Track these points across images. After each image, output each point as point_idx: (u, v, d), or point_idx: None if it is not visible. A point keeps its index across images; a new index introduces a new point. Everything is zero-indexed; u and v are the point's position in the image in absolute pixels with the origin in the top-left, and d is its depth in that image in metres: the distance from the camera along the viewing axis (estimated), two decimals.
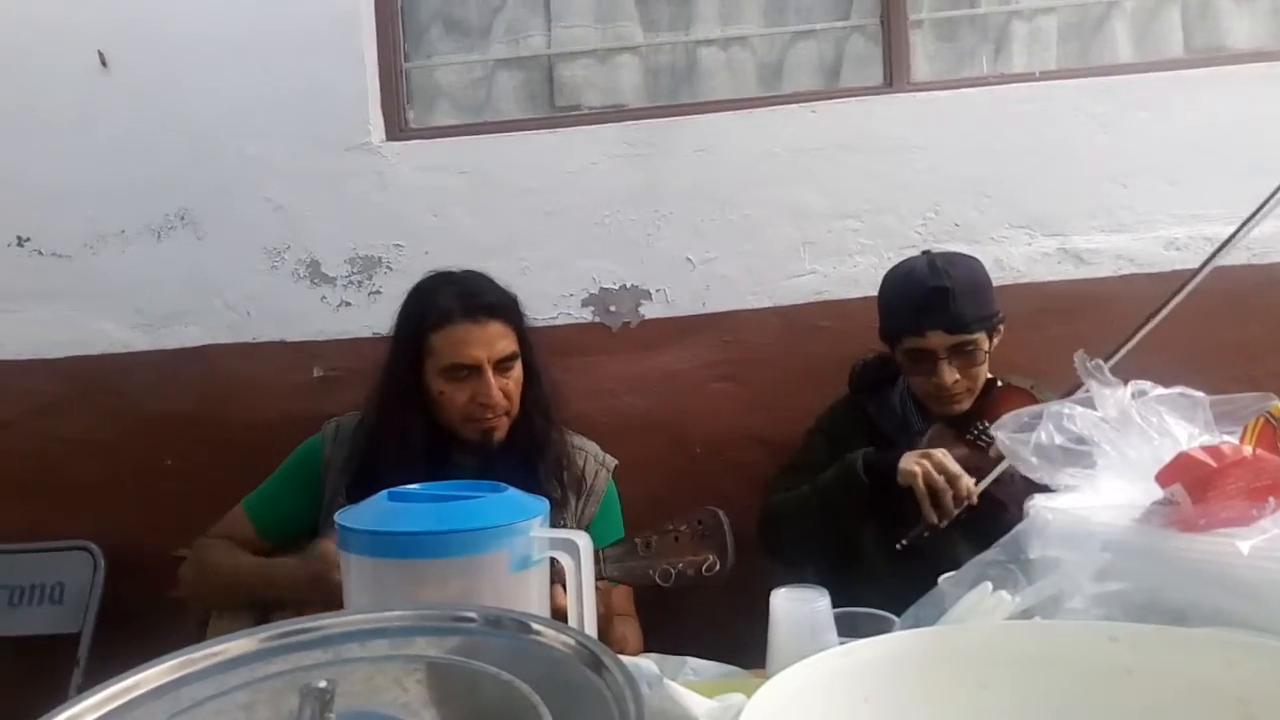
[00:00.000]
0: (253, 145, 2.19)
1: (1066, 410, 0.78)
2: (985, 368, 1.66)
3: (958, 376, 1.62)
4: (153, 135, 2.20)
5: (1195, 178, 2.06)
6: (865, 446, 1.74)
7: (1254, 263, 2.05)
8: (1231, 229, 2.04)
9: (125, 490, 2.21)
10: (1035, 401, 1.49)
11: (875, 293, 2.09)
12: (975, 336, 1.61)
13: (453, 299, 1.53)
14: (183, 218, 2.23)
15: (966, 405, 1.67)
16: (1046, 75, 2.15)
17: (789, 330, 2.14)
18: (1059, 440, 0.77)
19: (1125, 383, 0.80)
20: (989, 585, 0.72)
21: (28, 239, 2.26)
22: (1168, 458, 0.72)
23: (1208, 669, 0.59)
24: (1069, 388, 1.00)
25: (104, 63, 2.21)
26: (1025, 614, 0.70)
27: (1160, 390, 0.79)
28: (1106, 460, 0.76)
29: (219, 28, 2.18)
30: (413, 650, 0.53)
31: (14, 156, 2.24)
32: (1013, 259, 2.10)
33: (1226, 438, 0.78)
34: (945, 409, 1.67)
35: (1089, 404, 0.78)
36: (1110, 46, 2.18)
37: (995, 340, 1.68)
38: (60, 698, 0.47)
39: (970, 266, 1.67)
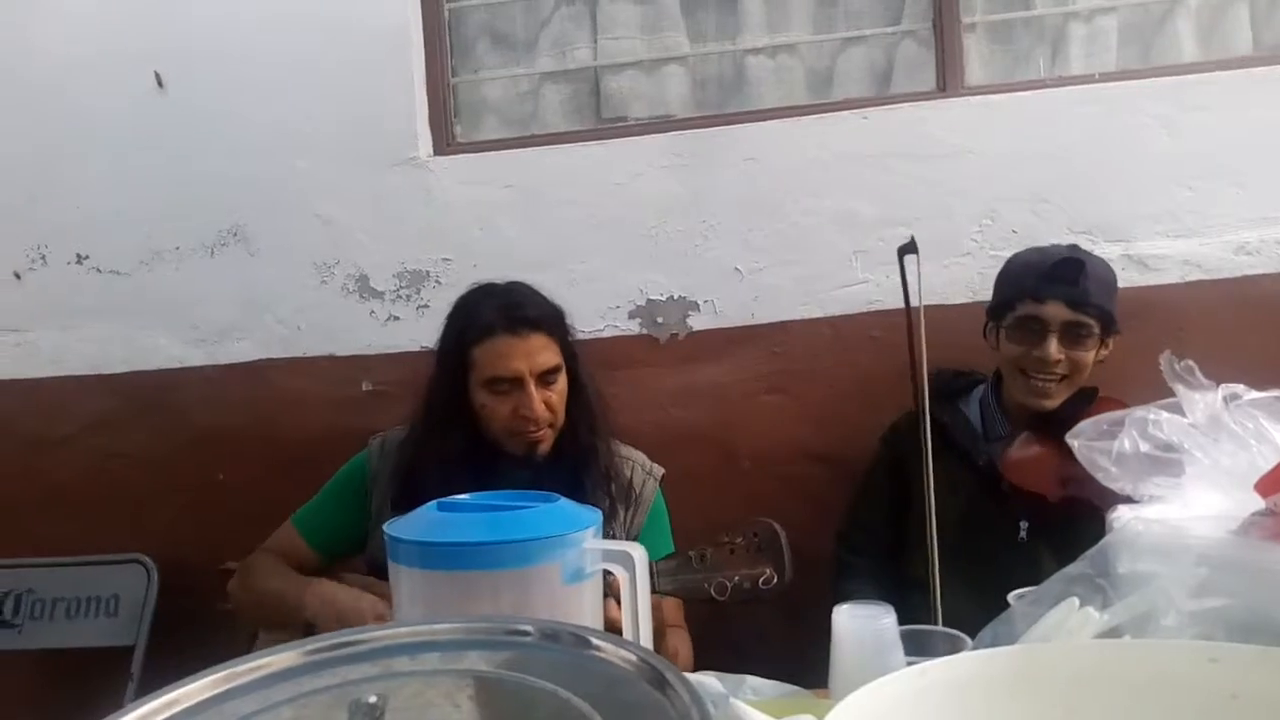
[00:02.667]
0: (303, 162, 2.22)
1: (1152, 416, 0.73)
2: (1089, 363, 1.63)
3: (1062, 356, 1.59)
4: (206, 154, 2.24)
5: (1265, 179, 1.98)
6: (936, 458, 1.68)
7: None
8: None
9: (178, 504, 2.24)
10: None
11: (930, 301, 2.02)
12: (1091, 322, 1.60)
13: (494, 312, 1.52)
14: (235, 234, 2.26)
15: (1057, 400, 1.62)
16: (1106, 77, 2.08)
17: (840, 341, 2.09)
18: (1144, 448, 0.72)
19: (1216, 386, 0.76)
20: (1075, 601, 0.67)
21: (86, 257, 2.31)
22: (1267, 466, 0.67)
23: None
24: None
25: (160, 83, 2.25)
26: (1114, 632, 0.65)
27: (1255, 394, 0.74)
28: (1197, 468, 0.71)
29: (270, 47, 2.21)
30: (465, 665, 0.51)
31: (72, 176, 2.29)
32: None
33: None
34: (1036, 396, 1.62)
35: (1176, 409, 0.74)
36: (1174, 46, 2.10)
37: (1105, 349, 1.66)
38: (115, 711, 0.46)
39: (1105, 263, 1.70)
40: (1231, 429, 0.71)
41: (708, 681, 0.71)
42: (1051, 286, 1.59)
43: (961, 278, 2.03)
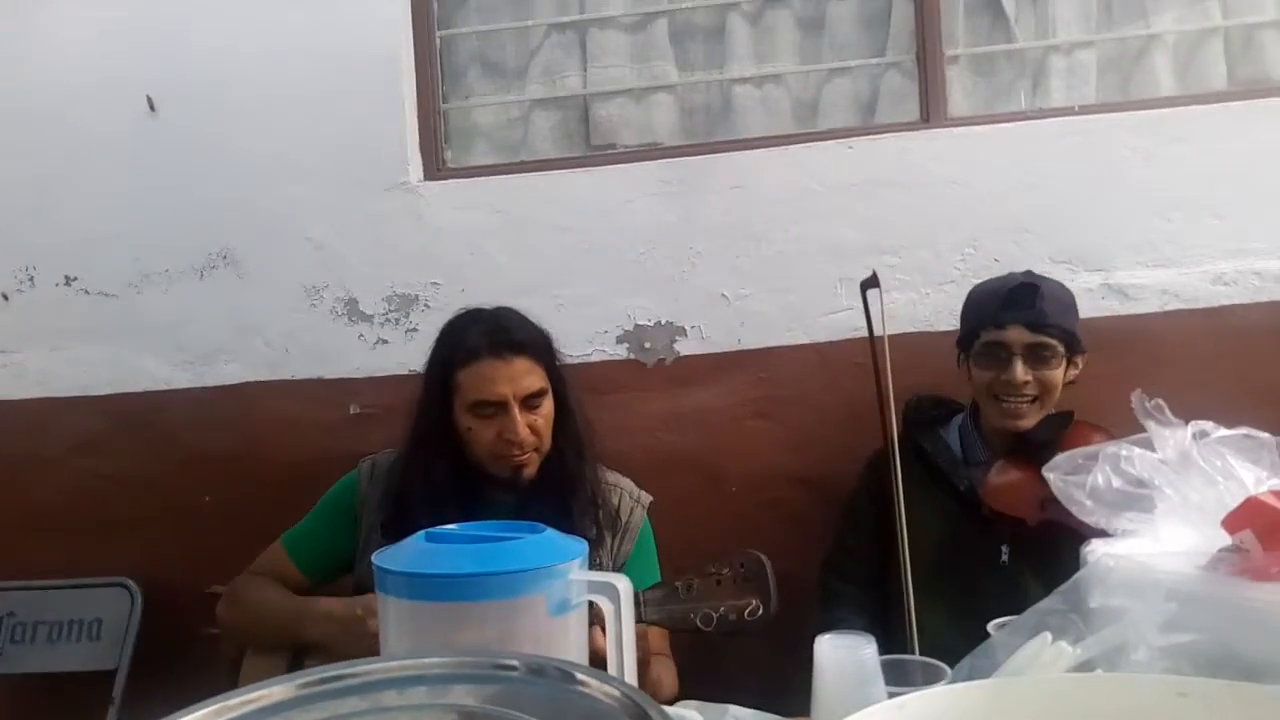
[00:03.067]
0: (294, 186, 2.23)
1: (1124, 451, 0.75)
2: (1058, 382, 1.66)
3: (1029, 378, 1.62)
4: (197, 177, 2.25)
5: (1242, 211, 2.02)
6: (918, 485, 1.71)
7: None
8: (1279, 262, 2.01)
9: (164, 526, 2.23)
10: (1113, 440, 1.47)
11: (913, 329, 2.09)
12: (1053, 342, 1.63)
13: (479, 336, 1.53)
14: (225, 257, 2.26)
15: (1031, 420, 1.65)
16: (1086, 109, 2.12)
17: (826, 367, 2.11)
18: (1117, 483, 0.74)
19: (1186, 423, 0.78)
20: (1048, 635, 0.69)
21: (75, 278, 2.31)
22: (1234, 502, 0.69)
23: None
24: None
25: (152, 107, 2.27)
26: (1086, 665, 0.67)
27: (1223, 431, 0.76)
28: (1167, 504, 0.73)
29: (261, 73, 2.23)
30: (451, 699, 0.52)
31: (62, 198, 2.30)
32: None
33: None
34: (1009, 418, 1.65)
35: (1148, 445, 0.76)
36: (1151, 80, 2.15)
37: (1072, 370, 1.69)
38: None
39: (1062, 285, 1.73)
40: (1200, 466, 0.73)
41: (689, 715, 0.72)
42: (1010, 312, 1.63)
43: (945, 305, 2.06)
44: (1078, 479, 0.77)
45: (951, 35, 2.18)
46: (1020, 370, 1.61)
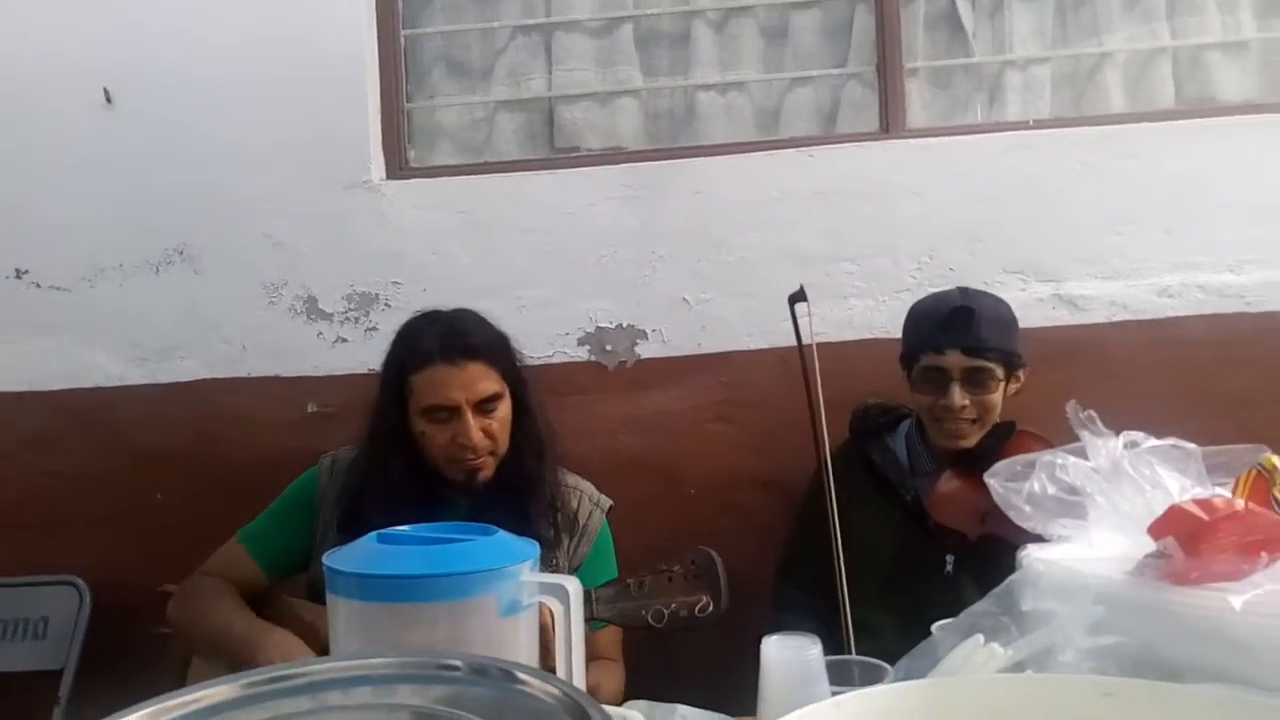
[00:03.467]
0: (254, 182, 2.21)
1: (1059, 460, 0.78)
2: (997, 402, 1.67)
3: (966, 402, 1.63)
4: (155, 172, 2.22)
5: (1186, 226, 2.08)
6: (866, 493, 1.74)
7: (1248, 311, 2.06)
8: (1223, 276, 2.07)
9: (115, 524, 2.19)
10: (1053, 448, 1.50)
11: (870, 335, 2.13)
12: (990, 365, 1.64)
13: (432, 340, 1.53)
14: (181, 253, 2.24)
15: (972, 440, 1.67)
16: (1039, 124, 2.18)
17: (785, 371, 2.12)
18: (1051, 490, 0.77)
19: (1118, 433, 0.80)
20: (981, 637, 0.71)
21: (26, 271, 2.27)
22: (1160, 510, 0.72)
23: None
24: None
25: (109, 99, 2.23)
26: (1018, 666, 0.69)
27: (1153, 441, 0.79)
28: (1099, 511, 0.75)
29: (224, 67, 2.21)
30: (396, 699, 0.53)
31: (15, 190, 2.25)
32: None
33: (1219, 490, 0.77)
34: (950, 439, 1.68)
35: (1083, 454, 0.78)
36: (1102, 96, 2.21)
37: (1014, 385, 1.70)
38: None
39: (998, 302, 1.73)
40: (1130, 475, 0.76)
41: (630, 715, 0.74)
42: (947, 337, 1.63)
43: (901, 312, 2.05)
44: (1016, 485, 0.80)
45: (911, 48, 2.22)
46: (958, 395, 1.62)
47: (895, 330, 2.08)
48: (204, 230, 2.23)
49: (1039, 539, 0.80)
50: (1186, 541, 0.68)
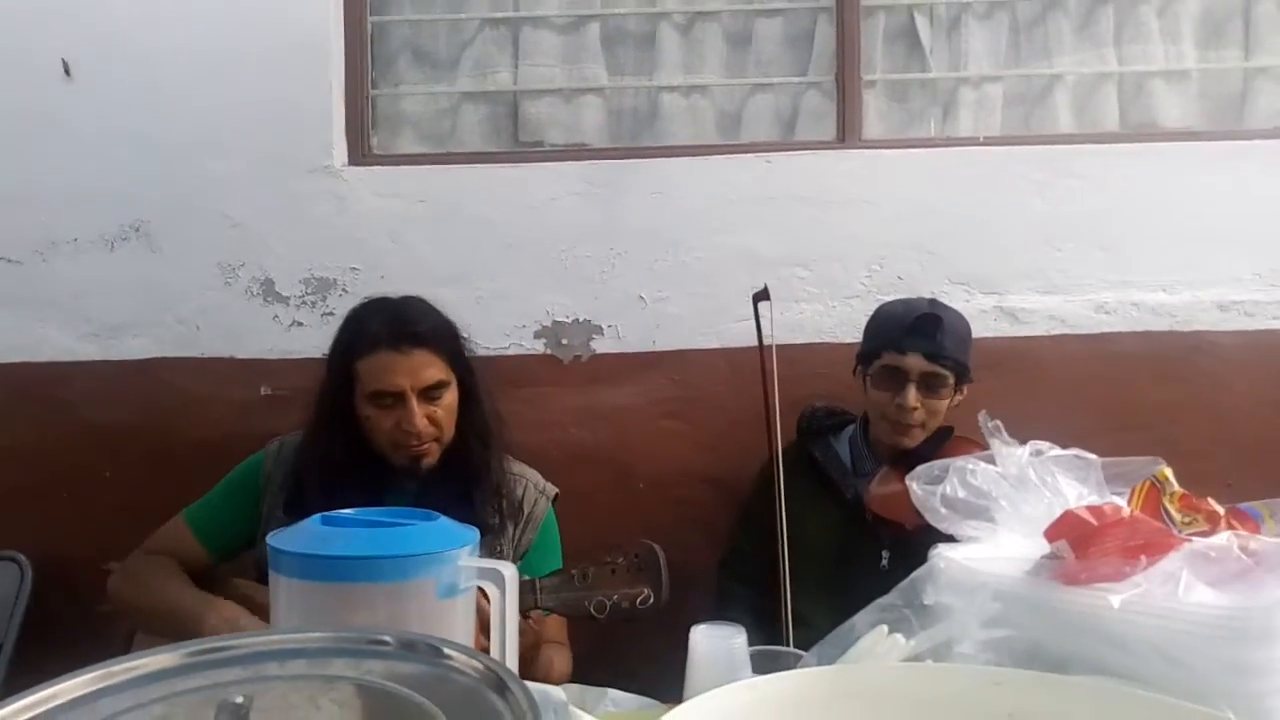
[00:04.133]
0: (214, 161, 2.20)
1: (970, 465, 0.83)
2: (944, 409, 1.75)
3: (919, 404, 1.71)
4: (113, 146, 2.21)
5: (1125, 246, 2.17)
6: (809, 491, 1.79)
7: (1177, 329, 2.15)
8: (1157, 296, 2.16)
9: (59, 500, 2.18)
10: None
11: (819, 339, 2.18)
12: (946, 373, 1.72)
13: (379, 326, 1.55)
14: (138, 229, 2.22)
15: (916, 440, 1.75)
16: (990, 140, 2.25)
17: (736, 372, 2.19)
18: (962, 494, 0.82)
19: (1024, 442, 0.86)
20: (884, 628, 0.76)
21: None
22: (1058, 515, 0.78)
23: (1079, 713, 0.63)
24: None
25: (67, 71, 2.21)
26: (919, 657, 0.74)
27: (1057, 451, 0.85)
28: (1004, 515, 0.81)
29: (187, 43, 2.20)
30: (329, 671, 0.56)
31: None
32: None
33: (1115, 498, 0.83)
34: (897, 437, 1.75)
35: (993, 461, 0.84)
36: (1051, 117, 2.29)
37: (959, 396, 1.78)
38: None
39: (962, 318, 1.82)
40: (1033, 481, 0.81)
41: (552, 691, 0.77)
42: (912, 340, 1.71)
43: (850, 318, 2.15)
44: (933, 488, 0.85)
45: (870, 61, 2.28)
46: (913, 396, 1.70)
47: (844, 335, 2.15)
48: (161, 207, 2.22)
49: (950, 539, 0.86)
50: (1077, 544, 0.74)
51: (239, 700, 0.50)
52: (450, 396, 1.57)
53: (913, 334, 1.71)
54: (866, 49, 2.26)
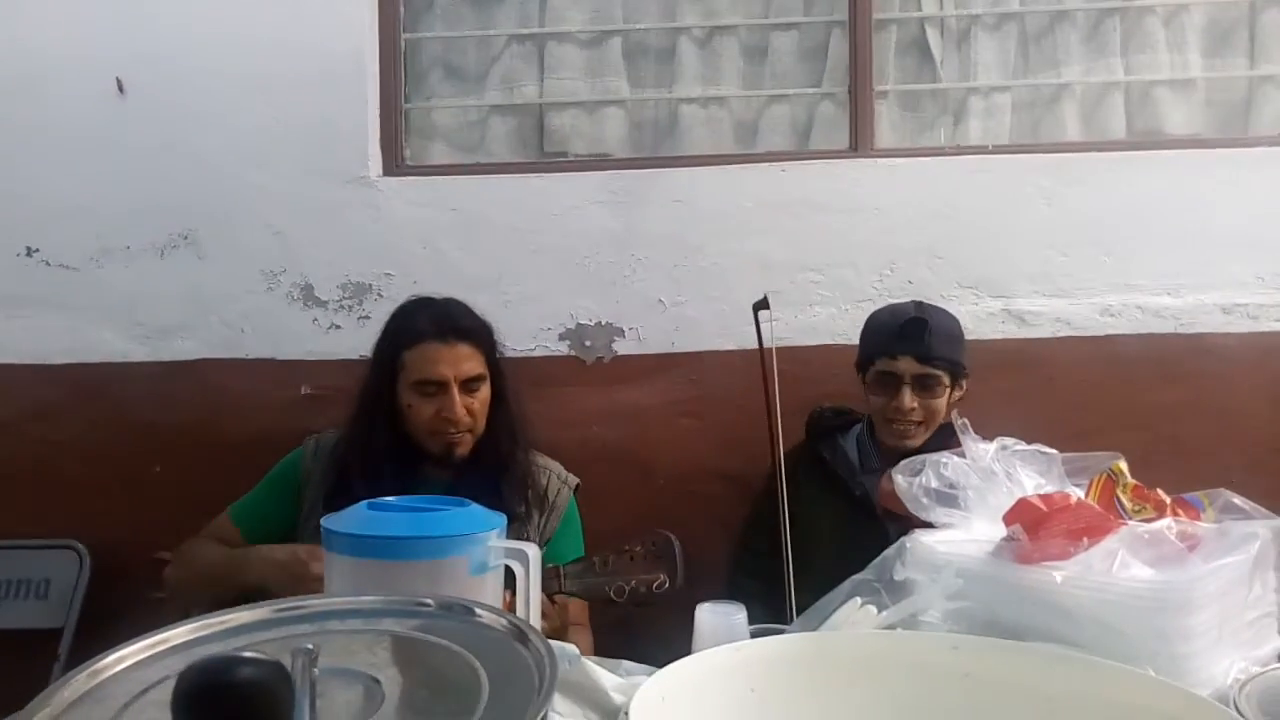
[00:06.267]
0: (257, 174, 2.33)
1: (944, 459, 0.92)
2: (942, 407, 1.82)
3: (915, 405, 1.78)
4: (163, 160, 2.34)
5: (1129, 251, 2.23)
6: (818, 489, 1.88)
7: (1180, 332, 2.21)
8: (1161, 299, 2.23)
9: (114, 494, 2.31)
10: None
11: (832, 341, 2.27)
12: (939, 373, 1.79)
13: (427, 321, 1.68)
14: (186, 238, 2.35)
15: (919, 439, 1.82)
16: (999, 149, 2.32)
17: (751, 372, 2.25)
18: (935, 484, 0.91)
19: (993, 439, 0.95)
20: (858, 600, 0.86)
21: (37, 250, 2.38)
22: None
23: (1026, 673, 0.73)
24: None
25: (121, 89, 2.35)
26: (890, 626, 0.84)
27: (1021, 446, 0.94)
28: (971, 503, 0.90)
29: (232, 63, 2.32)
30: (381, 626, 0.67)
31: (29, 172, 2.37)
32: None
33: (1074, 489, 0.92)
34: (898, 438, 1.82)
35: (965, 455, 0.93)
36: (1058, 125, 2.35)
37: (957, 392, 1.85)
38: (41, 690, 0.58)
39: (950, 316, 1.89)
40: (998, 474, 0.90)
41: (567, 646, 0.88)
42: (901, 344, 1.78)
43: (861, 321, 2.19)
44: (914, 479, 0.94)
45: (882, 72, 2.36)
46: (908, 398, 1.77)
47: (856, 337, 2.21)
48: (208, 217, 2.35)
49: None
50: (1029, 528, 0.83)
51: (309, 647, 0.61)
52: (485, 391, 1.69)
53: (901, 339, 1.78)
54: (879, 61, 2.34)
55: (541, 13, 2.44)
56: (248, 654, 0.45)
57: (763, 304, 1.77)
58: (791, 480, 1.91)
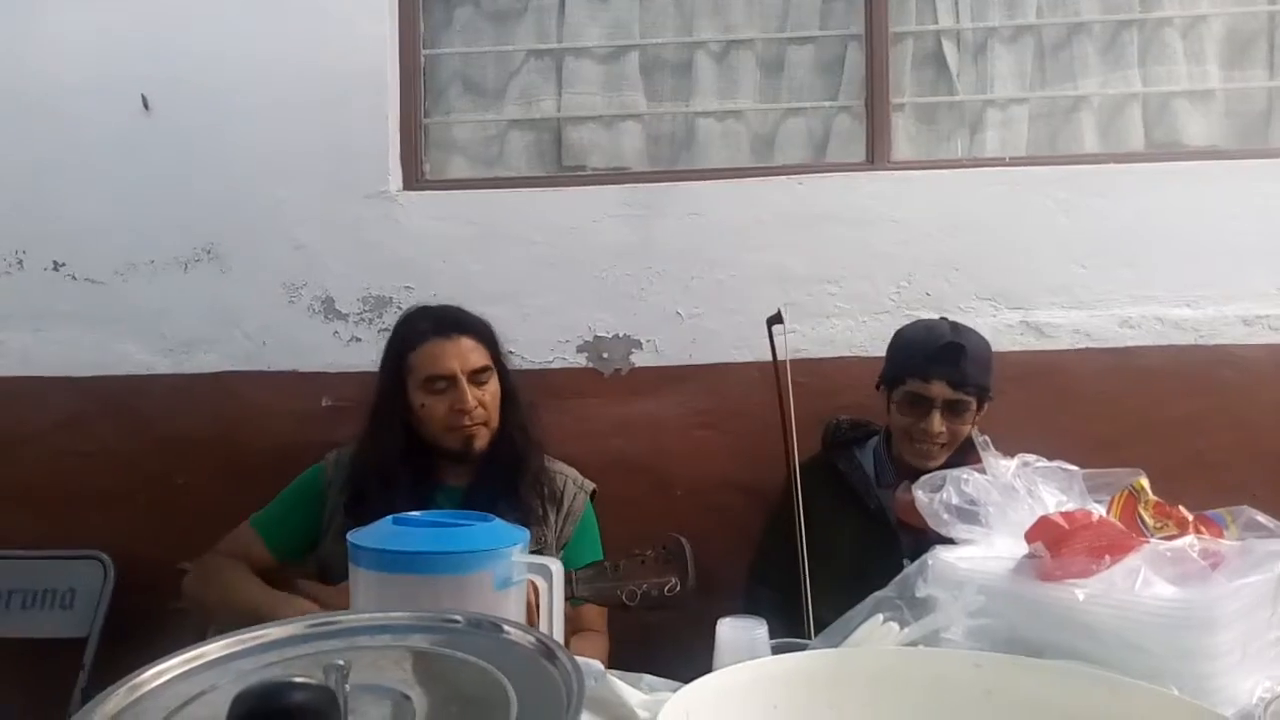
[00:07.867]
0: (279, 189, 2.36)
1: (965, 475, 0.93)
2: (967, 429, 1.80)
3: (943, 429, 1.77)
4: (187, 175, 2.38)
5: (1148, 262, 2.22)
6: (833, 501, 1.88)
7: (1201, 343, 2.20)
8: (1181, 311, 2.22)
9: (138, 504, 2.34)
10: None
11: (849, 353, 2.27)
12: (970, 399, 1.78)
13: (428, 321, 1.74)
14: (209, 252, 2.39)
15: (940, 459, 1.81)
16: (1016, 161, 2.31)
17: (767, 384, 2.26)
18: (956, 500, 0.92)
19: (1013, 456, 0.95)
20: (880, 617, 0.86)
21: (63, 264, 2.42)
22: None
23: (1048, 691, 0.73)
24: None
25: (146, 106, 2.39)
26: (911, 643, 0.84)
27: (1043, 463, 0.94)
28: (993, 520, 0.90)
29: (255, 79, 2.36)
30: (410, 643, 0.68)
31: (55, 188, 2.41)
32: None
33: (1096, 506, 0.92)
34: (921, 459, 1.81)
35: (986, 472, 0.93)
36: (1076, 137, 2.35)
37: (981, 413, 1.84)
38: (66, 698, 0.60)
39: (982, 340, 1.87)
40: (1019, 490, 0.90)
41: (592, 662, 0.89)
42: (937, 368, 1.75)
43: (879, 333, 2.23)
44: (935, 495, 0.95)
45: (899, 85, 2.37)
46: (938, 421, 1.76)
47: (873, 349, 2.24)
48: (231, 232, 2.38)
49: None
50: (1051, 545, 0.83)
51: (340, 663, 0.62)
52: (494, 384, 1.71)
53: (937, 362, 1.76)
54: (895, 73, 2.35)
55: (559, 28, 2.47)
56: (298, 679, 0.47)
57: (776, 318, 1.78)
58: (807, 493, 1.92)
